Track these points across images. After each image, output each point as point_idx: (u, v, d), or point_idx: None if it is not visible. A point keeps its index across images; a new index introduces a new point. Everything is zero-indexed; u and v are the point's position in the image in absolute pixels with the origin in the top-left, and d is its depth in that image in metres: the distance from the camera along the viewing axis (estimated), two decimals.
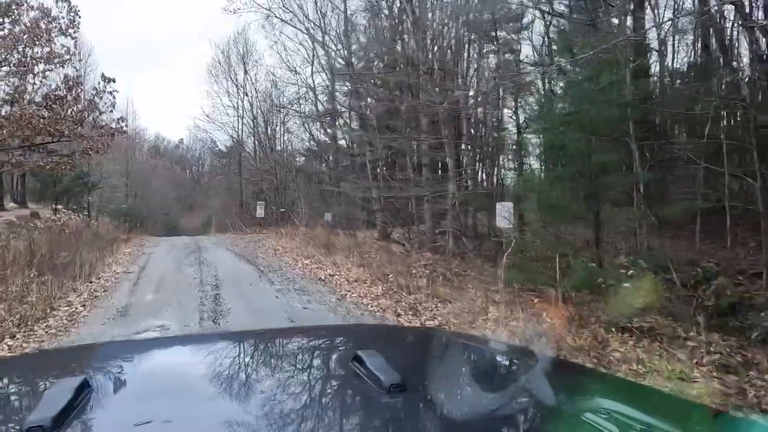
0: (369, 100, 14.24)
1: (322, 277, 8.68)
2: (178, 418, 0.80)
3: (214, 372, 1.08)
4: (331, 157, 19.18)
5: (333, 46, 15.65)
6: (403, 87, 11.35)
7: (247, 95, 23.69)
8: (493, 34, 12.04)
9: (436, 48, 12.07)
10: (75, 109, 11.29)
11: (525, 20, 13.23)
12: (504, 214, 6.80)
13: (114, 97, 11.76)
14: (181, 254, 12.22)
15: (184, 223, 46.36)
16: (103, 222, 23.65)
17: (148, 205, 34.50)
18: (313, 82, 17.98)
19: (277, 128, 23.47)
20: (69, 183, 16.18)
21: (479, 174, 13.88)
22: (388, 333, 1.94)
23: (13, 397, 1.02)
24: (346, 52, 14.78)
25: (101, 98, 11.71)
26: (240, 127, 25.08)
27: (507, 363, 1.29)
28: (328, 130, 18.09)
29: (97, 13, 51.51)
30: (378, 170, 13.58)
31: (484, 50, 13.32)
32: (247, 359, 1.22)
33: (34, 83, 11.28)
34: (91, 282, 8.42)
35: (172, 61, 75.17)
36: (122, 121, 12.16)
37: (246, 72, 23.95)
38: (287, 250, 12.43)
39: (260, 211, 18.00)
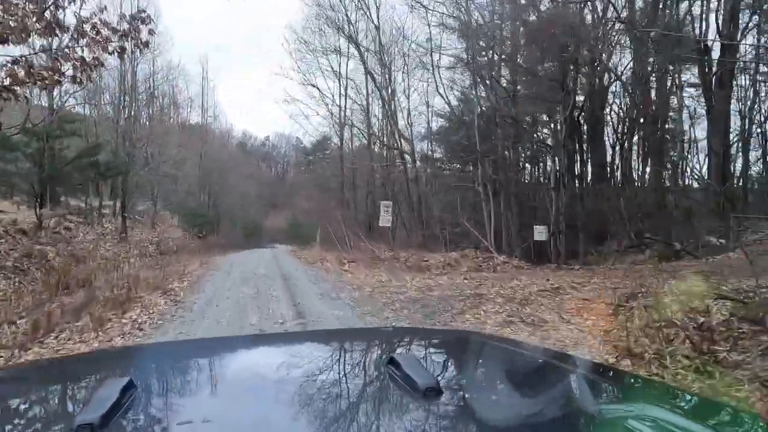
0: None
1: None
2: (217, 418, 0.81)
3: (254, 373, 1.09)
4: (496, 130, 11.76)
5: None
6: None
7: (359, 45, 16.79)
8: None
9: None
10: None
11: None
12: None
13: None
14: None
15: (268, 224, 41.76)
16: (165, 227, 18.17)
17: (226, 203, 29.19)
18: None
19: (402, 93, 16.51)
20: (63, 163, 9.19)
21: None
22: (423, 336, 1.87)
23: (63, 397, 1.03)
24: None
25: None
26: (342, 100, 18.48)
27: (545, 368, 1.16)
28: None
29: (185, 17, 48.64)
30: None
31: None
32: (285, 361, 1.21)
33: None
34: None
35: (264, 59, 72.67)
36: (143, 22, 5.54)
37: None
38: None
39: (386, 218, 10.91)
